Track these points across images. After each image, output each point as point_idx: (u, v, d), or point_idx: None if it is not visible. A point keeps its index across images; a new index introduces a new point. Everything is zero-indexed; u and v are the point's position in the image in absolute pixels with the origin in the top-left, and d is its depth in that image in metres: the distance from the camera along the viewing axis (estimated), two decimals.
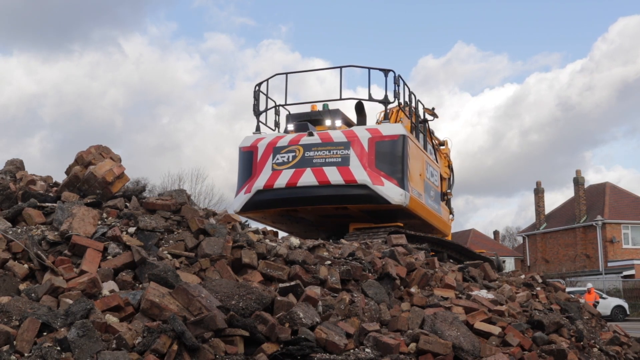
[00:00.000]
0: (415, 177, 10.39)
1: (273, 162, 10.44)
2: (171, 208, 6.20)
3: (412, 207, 10.15)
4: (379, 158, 9.92)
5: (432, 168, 11.50)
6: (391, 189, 9.69)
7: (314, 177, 10.03)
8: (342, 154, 10.03)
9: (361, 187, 9.79)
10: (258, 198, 10.25)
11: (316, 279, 5.90)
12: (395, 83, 10.39)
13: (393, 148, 9.95)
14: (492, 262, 10.73)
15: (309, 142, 10.30)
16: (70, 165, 6.89)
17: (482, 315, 6.19)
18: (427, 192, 11.03)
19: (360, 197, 9.81)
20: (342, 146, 10.08)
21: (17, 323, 4.21)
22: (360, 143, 10.02)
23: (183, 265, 5.49)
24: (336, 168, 9.94)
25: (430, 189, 11.22)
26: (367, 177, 9.79)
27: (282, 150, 10.43)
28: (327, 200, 10.05)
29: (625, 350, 7.49)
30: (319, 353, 4.71)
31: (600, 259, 44.42)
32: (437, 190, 11.68)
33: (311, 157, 10.16)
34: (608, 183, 49.60)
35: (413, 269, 6.99)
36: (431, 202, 11.18)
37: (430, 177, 11.34)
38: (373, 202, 9.79)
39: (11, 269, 4.97)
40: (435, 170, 11.80)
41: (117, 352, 3.99)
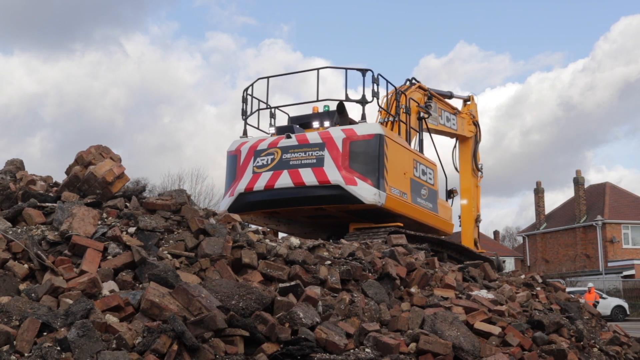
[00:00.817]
0: (397, 176, 10.34)
1: (254, 165, 10.62)
2: (171, 208, 6.20)
3: (391, 206, 10.05)
4: (353, 158, 9.95)
5: (424, 166, 11.38)
6: (364, 189, 9.69)
7: (290, 178, 10.14)
8: (317, 155, 10.11)
9: (334, 187, 9.84)
10: (240, 201, 10.38)
11: (316, 279, 5.90)
12: (373, 82, 10.43)
13: (367, 148, 9.96)
14: (492, 262, 10.73)
15: (287, 144, 10.42)
16: (70, 165, 6.89)
17: (482, 315, 6.19)
18: (416, 190, 10.91)
19: (333, 198, 9.85)
20: (317, 147, 10.16)
21: (17, 323, 4.21)
22: (334, 144, 10.10)
23: (183, 265, 5.49)
24: (311, 169, 10.03)
25: (420, 187, 11.09)
26: (340, 178, 9.84)
27: (262, 153, 10.60)
28: (302, 201, 10.15)
29: (625, 350, 7.49)
30: (319, 353, 4.71)
31: (600, 259, 44.42)
32: (431, 189, 11.53)
33: (288, 159, 10.29)
34: (608, 183, 49.62)
35: (413, 269, 6.99)
36: (422, 200, 11.09)
37: (422, 175, 11.20)
38: (346, 202, 9.82)
39: (11, 269, 4.97)
40: (430, 168, 11.61)
41: (117, 352, 3.99)
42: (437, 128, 14.14)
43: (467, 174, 15.86)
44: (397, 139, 10.78)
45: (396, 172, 10.31)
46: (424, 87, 13.64)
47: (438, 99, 14.28)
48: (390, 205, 10.03)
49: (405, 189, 10.53)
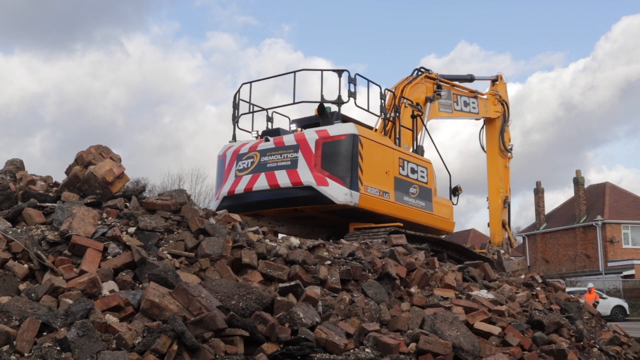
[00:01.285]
0: (376, 175, 10.33)
1: (236, 168, 10.85)
2: (171, 208, 6.20)
3: (368, 205, 10.02)
4: (325, 159, 10.01)
5: (415, 164, 11.28)
6: (335, 189, 9.74)
7: (267, 181, 10.31)
8: (291, 157, 10.24)
9: (307, 188, 9.93)
10: (224, 204, 10.54)
11: (316, 279, 5.90)
12: (350, 82, 10.43)
13: (340, 148, 10.00)
14: (492, 262, 10.73)
15: (265, 147, 10.60)
16: (70, 165, 6.89)
17: (482, 315, 6.19)
18: (402, 189, 10.85)
19: (306, 199, 9.93)
20: (291, 149, 10.29)
21: (17, 323, 4.21)
22: (308, 145, 10.17)
23: (183, 265, 5.49)
24: (285, 171, 10.17)
25: (408, 185, 11.01)
26: (312, 179, 9.93)
27: (243, 157, 10.82)
28: (278, 203, 10.28)
29: (625, 350, 7.49)
30: (319, 353, 4.71)
31: (600, 259, 44.42)
32: (423, 187, 11.41)
33: (266, 162, 10.48)
34: (608, 183, 49.61)
35: (413, 269, 6.99)
36: (411, 199, 11.03)
37: (410, 173, 11.11)
38: (319, 203, 9.89)
39: (11, 269, 4.97)
40: (422, 166, 11.45)
41: (117, 352, 3.99)
42: (453, 115, 13.99)
43: (494, 155, 15.65)
44: (377, 138, 10.74)
45: (375, 172, 10.31)
46: (433, 76, 13.43)
47: (452, 85, 14.07)
48: (366, 204, 10.00)
49: (387, 188, 10.51)
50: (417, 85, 12.82)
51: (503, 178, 15.78)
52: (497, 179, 15.66)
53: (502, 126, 15.70)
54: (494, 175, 15.70)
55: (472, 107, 14.67)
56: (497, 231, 15.63)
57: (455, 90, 14.25)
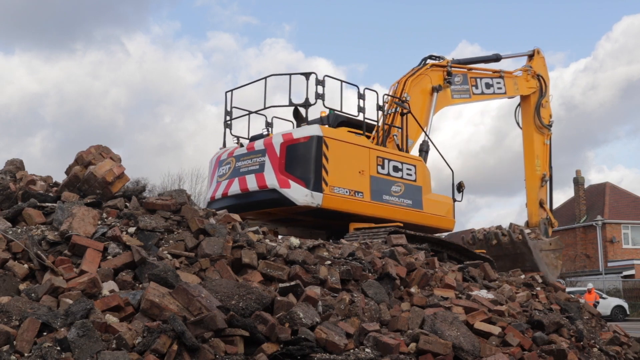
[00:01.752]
0: (347, 175, 10.36)
1: (217, 174, 11.22)
2: (171, 208, 6.20)
3: (334, 206, 10.05)
4: (289, 161, 10.15)
5: (399, 162, 11.22)
6: (297, 191, 9.84)
7: (239, 185, 10.59)
8: (259, 161, 10.48)
9: (272, 191, 10.12)
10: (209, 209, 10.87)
11: (316, 279, 5.90)
12: (318, 84, 10.50)
13: (303, 150, 10.10)
14: (492, 262, 10.71)
15: (239, 153, 10.90)
16: (70, 165, 6.89)
17: (482, 315, 6.19)
18: (381, 188, 10.83)
19: (271, 202, 10.10)
20: (260, 154, 10.51)
21: (17, 323, 4.21)
22: (273, 149, 10.34)
23: (183, 265, 5.49)
24: (254, 175, 10.42)
25: (389, 184, 10.97)
26: (275, 181, 10.10)
27: (223, 163, 11.17)
28: (247, 207, 10.48)
29: (625, 350, 7.49)
30: (319, 353, 4.71)
31: (600, 259, 44.40)
32: (410, 185, 11.29)
33: (239, 167, 10.76)
34: (608, 183, 49.59)
35: (413, 269, 6.99)
36: (393, 197, 10.96)
37: (393, 171, 11.06)
38: (282, 205, 10.03)
39: (11, 269, 4.97)
40: (410, 164, 11.35)
41: (117, 352, 3.99)
42: (472, 99, 13.66)
43: (530, 132, 15.20)
44: (348, 138, 10.78)
45: (344, 172, 10.35)
46: (443, 64, 13.13)
47: (469, 69, 13.71)
48: (333, 205, 10.02)
49: (360, 187, 10.52)
50: (420, 77, 12.59)
51: (541, 155, 15.22)
52: (533, 157, 15.13)
53: (538, 102, 15.16)
54: (530, 152, 15.17)
55: (496, 88, 14.22)
56: (533, 211, 15.11)
57: (474, 73, 13.82)
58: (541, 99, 15.26)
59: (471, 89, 13.68)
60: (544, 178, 15.29)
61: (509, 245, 13.42)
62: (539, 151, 15.31)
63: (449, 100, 13.31)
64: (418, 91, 12.52)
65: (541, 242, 13.78)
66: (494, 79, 14.26)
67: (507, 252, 13.42)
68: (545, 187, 15.36)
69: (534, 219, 15.07)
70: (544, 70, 15.64)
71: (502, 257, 13.27)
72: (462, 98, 13.41)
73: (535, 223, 14.99)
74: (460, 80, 13.39)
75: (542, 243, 13.78)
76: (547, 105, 15.53)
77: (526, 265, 12.97)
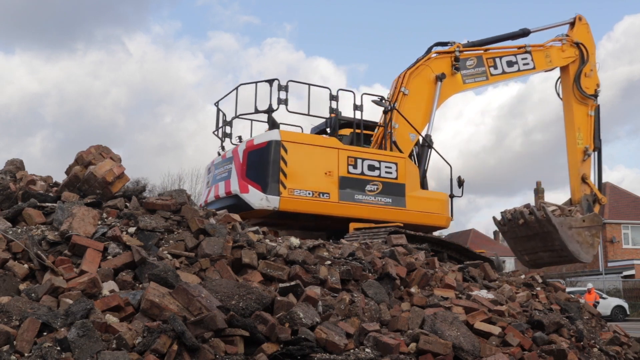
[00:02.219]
0: (310, 177, 10.56)
1: (205, 181, 11.92)
2: (171, 208, 6.21)
3: (294, 208, 10.22)
4: (249, 167, 10.54)
5: (376, 161, 11.21)
6: (254, 195, 10.14)
7: (214, 193, 11.13)
8: (227, 168, 10.97)
9: (234, 197, 10.51)
10: None
11: (316, 279, 5.90)
12: (280, 90, 10.74)
13: (261, 155, 10.43)
14: (492, 262, 10.70)
15: (217, 161, 11.51)
16: (70, 165, 6.90)
17: (482, 315, 6.19)
18: (352, 187, 10.91)
19: (235, 207, 10.29)
20: (228, 161, 10.99)
21: (17, 323, 4.21)
22: (238, 156, 10.76)
23: (183, 265, 5.49)
24: (223, 182, 10.94)
25: (362, 183, 11.02)
26: (237, 187, 10.50)
27: (209, 171, 11.83)
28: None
29: (625, 350, 7.49)
30: (319, 353, 4.71)
31: (600, 259, 44.39)
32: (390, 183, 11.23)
33: (216, 175, 11.33)
34: (608, 183, 49.55)
35: (413, 269, 7.00)
36: (366, 196, 10.98)
37: (367, 170, 11.08)
38: (242, 210, 10.22)
39: (11, 269, 4.97)
40: (390, 162, 11.31)
41: (117, 352, 3.99)
42: (490, 81, 13.19)
43: (570, 103, 14.31)
44: (312, 140, 11.04)
45: (306, 174, 10.57)
46: (449, 50, 12.71)
47: (485, 49, 13.20)
48: (292, 207, 10.16)
49: (326, 188, 10.67)
50: (419, 69, 12.38)
51: (583, 127, 14.27)
52: (573, 130, 14.20)
53: (578, 71, 14.24)
54: (570, 125, 14.27)
55: (522, 65, 13.57)
56: (575, 187, 14.16)
57: (491, 53, 13.25)
58: (582, 67, 14.29)
59: (488, 70, 13.16)
60: (587, 151, 14.22)
61: (536, 224, 12.67)
62: (580, 123, 14.29)
63: (459, 86, 12.89)
64: (418, 84, 12.30)
65: (571, 219, 12.87)
66: (519, 55, 13.59)
67: (536, 232, 12.74)
68: (589, 161, 14.26)
69: (576, 195, 14.11)
70: (588, 37, 14.65)
71: (533, 237, 12.82)
72: (477, 82, 12.91)
73: (577, 200, 14.05)
74: (473, 64, 12.89)
75: (573, 220, 12.88)
76: (593, 74, 14.50)
77: (555, 244, 12.54)
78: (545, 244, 12.49)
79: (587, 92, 14.33)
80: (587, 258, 12.99)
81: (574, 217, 13.04)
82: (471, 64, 12.89)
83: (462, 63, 12.77)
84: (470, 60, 12.90)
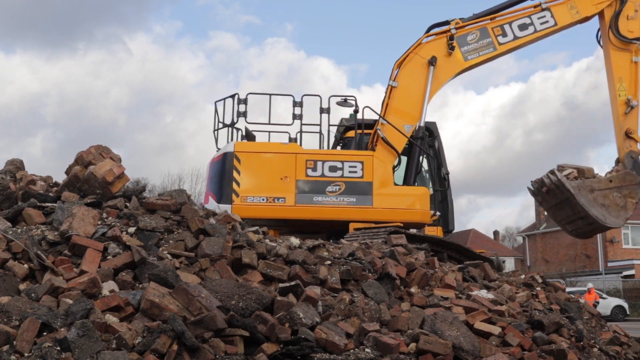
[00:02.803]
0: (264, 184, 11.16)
1: None
2: (171, 208, 6.21)
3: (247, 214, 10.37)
4: (211, 179, 11.58)
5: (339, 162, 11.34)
6: (211, 205, 10.72)
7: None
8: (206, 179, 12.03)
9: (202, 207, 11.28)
10: None
11: (316, 279, 5.90)
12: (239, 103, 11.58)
13: (219, 167, 11.33)
14: (492, 262, 10.69)
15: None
16: (70, 165, 6.90)
17: (482, 315, 6.19)
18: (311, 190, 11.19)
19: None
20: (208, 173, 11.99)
21: (17, 323, 4.21)
22: (209, 168, 11.87)
23: (183, 265, 5.50)
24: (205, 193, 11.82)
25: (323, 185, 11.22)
26: (203, 198, 11.54)
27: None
28: None
29: (625, 350, 7.49)
30: (319, 353, 4.71)
31: (600, 259, 44.43)
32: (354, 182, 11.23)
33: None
34: None
35: (413, 269, 6.99)
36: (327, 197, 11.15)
37: (328, 172, 11.26)
38: None
39: (11, 269, 4.97)
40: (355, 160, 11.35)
41: (117, 352, 3.99)
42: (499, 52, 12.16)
43: (608, 51, 12.70)
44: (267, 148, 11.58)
45: (260, 181, 11.20)
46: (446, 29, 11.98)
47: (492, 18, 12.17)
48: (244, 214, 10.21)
49: (282, 193, 11.10)
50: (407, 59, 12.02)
51: (626, 76, 12.56)
52: (614, 81, 12.55)
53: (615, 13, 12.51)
54: (611, 76, 12.63)
55: (539, 24, 12.30)
56: (619, 144, 12.49)
57: (497, 21, 12.20)
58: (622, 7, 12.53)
59: (495, 40, 12.12)
60: (629, 103, 12.36)
61: (557, 190, 11.44)
62: (622, 72, 12.56)
63: (460, 64, 12.12)
64: (407, 74, 11.97)
65: (592, 181, 11.37)
66: (534, 15, 12.37)
67: (561, 199, 11.48)
68: (635, 113, 12.46)
69: (621, 153, 12.43)
70: None
71: (560, 205, 11.70)
72: (482, 55, 12.00)
73: (621, 158, 12.40)
74: (476, 37, 12.00)
75: (594, 181, 11.37)
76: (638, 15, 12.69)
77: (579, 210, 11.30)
78: (574, 211, 11.30)
79: (629, 36, 12.55)
80: (617, 222, 11.60)
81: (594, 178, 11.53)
82: (473, 38, 12.02)
83: (461, 40, 12.00)
84: (472, 34, 12.03)
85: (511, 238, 75.94)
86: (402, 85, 11.93)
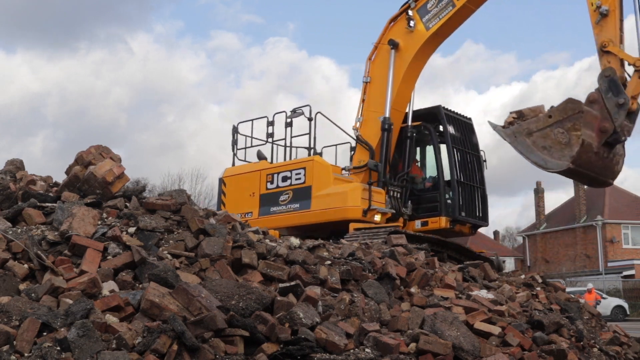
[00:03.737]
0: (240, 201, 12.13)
1: None
2: (171, 208, 6.20)
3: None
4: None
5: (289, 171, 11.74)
6: None
7: None
8: None
9: None
10: None
11: (316, 279, 5.90)
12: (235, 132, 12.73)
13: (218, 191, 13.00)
14: (492, 262, 10.70)
15: None
16: (70, 165, 6.89)
17: (482, 315, 6.19)
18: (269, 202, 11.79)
19: None
20: None
21: (17, 323, 4.21)
22: None
23: (183, 265, 5.49)
24: None
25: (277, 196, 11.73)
26: None
27: None
28: None
29: (625, 350, 7.49)
30: (319, 353, 4.71)
31: (600, 259, 44.43)
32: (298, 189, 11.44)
33: None
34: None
35: (413, 269, 7.00)
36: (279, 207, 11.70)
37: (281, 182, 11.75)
38: None
39: (11, 269, 4.97)
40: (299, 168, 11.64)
41: (117, 352, 3.99)
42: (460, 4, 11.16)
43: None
44: (244, 169, 12.55)
45: (238, 199, 12.24)
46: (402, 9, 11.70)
47: None
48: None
49: (250, 208, 12.05)
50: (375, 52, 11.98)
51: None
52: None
53: None
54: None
55: None
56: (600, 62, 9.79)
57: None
58: None
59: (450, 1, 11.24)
60: (600, 9, 9.55)
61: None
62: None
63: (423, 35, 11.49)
64: (377, 67, 12.03)
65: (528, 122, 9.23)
66: None
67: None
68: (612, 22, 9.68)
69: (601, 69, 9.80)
70: None
71: None
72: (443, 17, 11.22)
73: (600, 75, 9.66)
74: (434, 2, 11.33)
75: (531, 122, 9.19)
76: None
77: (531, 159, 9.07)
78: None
79: None
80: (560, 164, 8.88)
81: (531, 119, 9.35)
82: (432, 3, 11.35)
83: (422, 11, 11.46)
84: (430, 1, 11.37)
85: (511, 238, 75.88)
86: (374, 79, 12.07)
